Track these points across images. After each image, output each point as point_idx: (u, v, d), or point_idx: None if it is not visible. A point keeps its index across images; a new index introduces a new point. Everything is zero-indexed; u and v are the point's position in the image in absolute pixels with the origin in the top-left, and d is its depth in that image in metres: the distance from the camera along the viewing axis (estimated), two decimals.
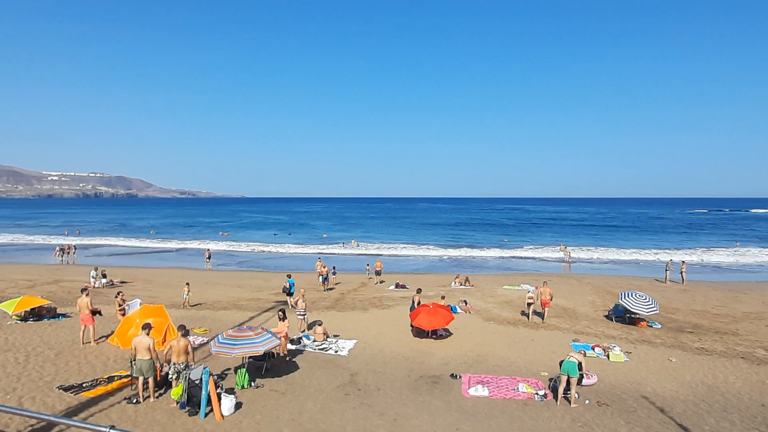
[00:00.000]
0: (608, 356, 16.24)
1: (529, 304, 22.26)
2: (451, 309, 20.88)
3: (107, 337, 16.58)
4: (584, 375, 13.27)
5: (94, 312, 16.15)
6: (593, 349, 16.76)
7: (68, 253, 45.80)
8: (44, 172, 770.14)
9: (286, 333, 15.60)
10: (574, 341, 16.73)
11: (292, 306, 23.34)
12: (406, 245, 63.38)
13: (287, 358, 15.24)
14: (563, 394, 12.57)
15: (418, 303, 19.79)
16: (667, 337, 19.37)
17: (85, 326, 15.79)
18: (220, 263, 45.80)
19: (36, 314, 19.00)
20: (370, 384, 13.45)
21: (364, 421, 11.08)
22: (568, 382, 12.46)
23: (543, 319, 21.91)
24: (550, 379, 13.80)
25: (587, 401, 12.62)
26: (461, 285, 31.04)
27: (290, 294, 24.39)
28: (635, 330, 20.46)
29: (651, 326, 21.02)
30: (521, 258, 51.04)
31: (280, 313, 16.01)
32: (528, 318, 22.16)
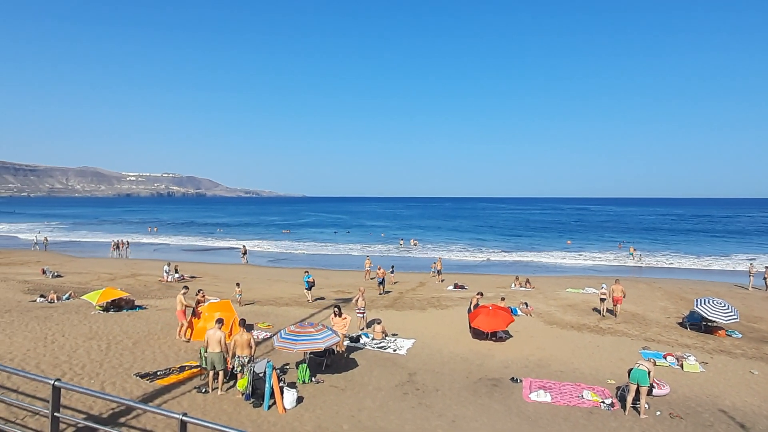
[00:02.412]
0: (682, 366, 15.28)
1: (602, 299, 22.65)
2: (512, 311, 20.42)
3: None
4: (655, 384, 12.60)
5: (194, 307, 16.76)
6: (665, 358, 15.84)
7: (122, 248, 49.45)
8: (123, 173, 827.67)
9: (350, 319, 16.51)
10: (643, 349, 15.93)
11: (309, 301, 24.77)
12: (465, 245, 62.64)
13: (346, 355, 15.49)
14: (632, 404, 11.97)
15: (476, 305, 19.50)
16: (748, 347, 17.99)
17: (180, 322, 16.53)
18: (282, 260, 47.22)
19: (116, 305, 20.40)
20: (428, 384, 13.41)
21: (423, 421, 11.06)
22: (638, 392, 11.86)
23: (615, 315, 22.07)
24: (618, 388, 13.19)
25: (658, 413, 11.94)
26: (522, 287, 30.30)
27: (309, 289, 25.29)
28: (712, 339, 19.14)
29: (730, 335, 19.59)
30: (585, 260, 49.01)
31: (336, 309, 16.31)
32: (601, 314, 22.38)
